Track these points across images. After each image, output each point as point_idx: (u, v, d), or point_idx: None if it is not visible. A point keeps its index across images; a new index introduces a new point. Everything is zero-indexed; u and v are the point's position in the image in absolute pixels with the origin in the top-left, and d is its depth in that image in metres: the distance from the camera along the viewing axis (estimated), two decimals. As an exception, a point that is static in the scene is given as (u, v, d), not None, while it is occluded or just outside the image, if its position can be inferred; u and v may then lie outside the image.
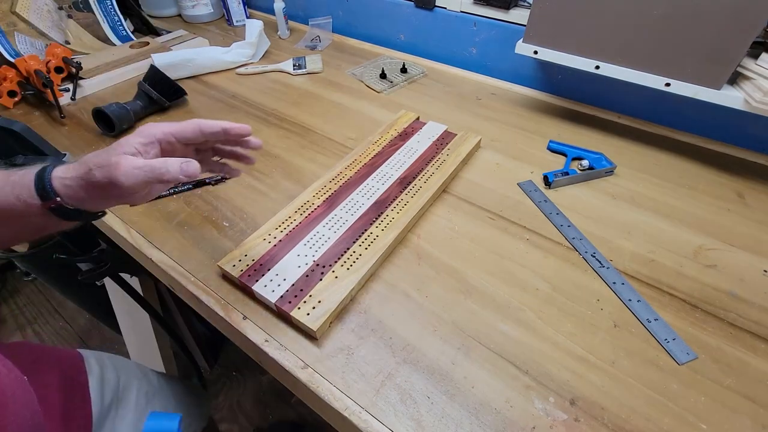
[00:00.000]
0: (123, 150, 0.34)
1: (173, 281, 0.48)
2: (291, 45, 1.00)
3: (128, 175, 0.32)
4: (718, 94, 0.54)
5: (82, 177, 0.34)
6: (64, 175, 0.34)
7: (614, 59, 0.59)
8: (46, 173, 0.34)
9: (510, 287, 0.45)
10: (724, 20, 0.49)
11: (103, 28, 0.98)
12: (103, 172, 0.32)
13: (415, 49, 0.94)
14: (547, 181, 0.58)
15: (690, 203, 0.56)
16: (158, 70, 0.74)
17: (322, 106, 0.77)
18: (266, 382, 1.18)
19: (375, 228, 0.49)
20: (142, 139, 0.35)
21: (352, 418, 0.35)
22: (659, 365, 0.39)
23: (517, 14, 0.77)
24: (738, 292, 0.45)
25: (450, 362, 0.39)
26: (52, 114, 0.75)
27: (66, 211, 0.35)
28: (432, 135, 0.65)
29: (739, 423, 0.35)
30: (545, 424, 0.35)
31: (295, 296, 0.42)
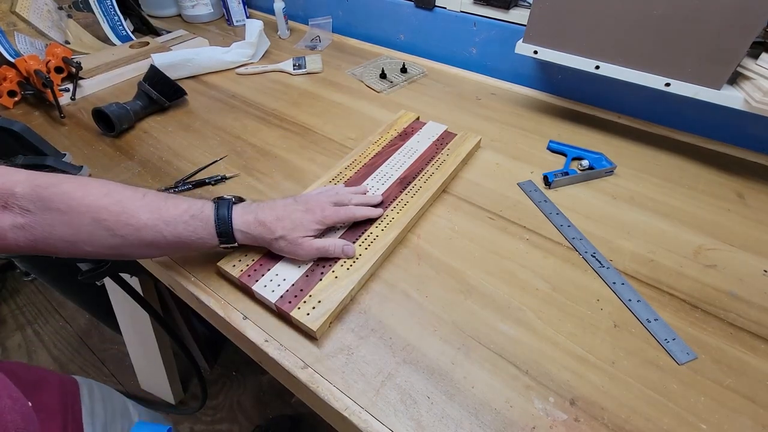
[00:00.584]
0: (306, 233, 0.44)
1: (173, 281, 0.48)
2: (291, 45, 1.00)
3: (309, 256, 0.44)
4: (718, 94, 0.54)
5: (264, 239, 0.43)
6: (247, 231, 0.43)
7: (614, 59, 0.59)
8: (229, 225, 0.42)
9: (510, 287, 0.45)
10: (724, 20, 0.49)
11: (103, 28, 0.98)
12: (289, 246, 0.43)
13: (415, 49, 0.94)
14: (547, 181, 0.58)
15: (690, 203, 0.56)
16: (158, 70, 0.74)
17: (322, 106, 0.77)
18: (266, 382, 1.18)
19: (375, 228, 0.49)
20: (320, 226, 0.45)
21: (352, 418, 0.35)
22: (659, 365, 0.39)
23: (517, 14, 0.77)
24: (738, 292, 0.45)
25: (450, 362, 0.39)
26: (52, 114, 0.75)
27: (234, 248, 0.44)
28: (432, 135, 0.65)
29: (739, 423, 0.35)
30: (545, 424, 0.35)
31: (295, 296, 0.42)
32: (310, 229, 0.44)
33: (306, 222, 0.44)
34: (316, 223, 0.44)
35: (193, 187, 0.59)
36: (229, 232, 0.42)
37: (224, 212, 0.42)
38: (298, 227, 0.43)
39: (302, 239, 0.43)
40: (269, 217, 0.43)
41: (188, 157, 0.65)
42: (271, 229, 0.42)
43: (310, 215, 0.44)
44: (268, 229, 0.42)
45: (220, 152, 0.66)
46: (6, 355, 1.27)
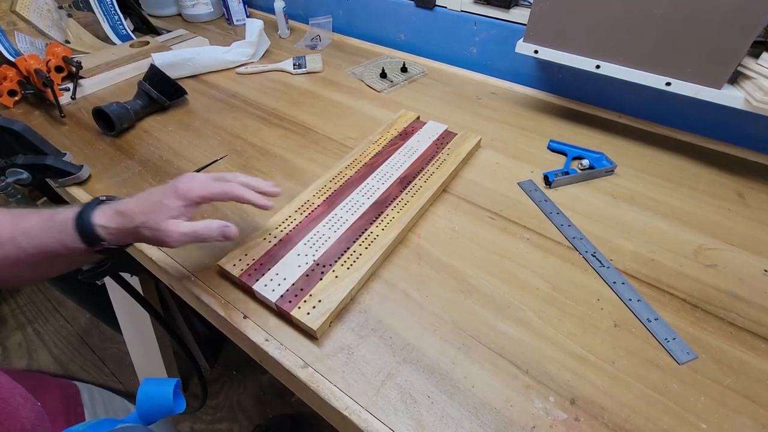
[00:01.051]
0: (169, 214, 0.38)
1: (173, 280, 0.48)
2: (291, 44, 1.00)
3: (177, 242, 0.38)
4: (719, 93, 0.54)
5: (129, 231, 0.38)
6: (107, 225, 0.38)
7: (615, 58, 0.59)
8: (85, 222, 0.37)
9: (510, 287, 0.45)
10: (725, 20, 0.49)
11: (103, 28, 0.98)
12: (153, 233, 0.37)
13: (415, 49, 0.94)
14: (547, 180, 0.58)
15: (690, 203, 0.56)
16: (158, 70, 0.74)
17: (322, 106, 0.77)
18: (266, 381, 1.18)
19: (375, 227, 0.49)
20: (182, 203, 0.38)
21: (352, 418, 0.35)
22: (659, 365, 0.39)
23: (517, 13, 0.77)
24: (738, 291, 0.45)
25: (450, 362, 0.39)
26: (53, 113, 0.75)
27: (109, 251, 0.40)
28: (432, 134, 0.65)
29: (739, 423, 0.35)
30: (545, 424, 0.35)
31: (296, 296, 0.42)
32: (173, 209, 0.38)
33: (167, 201, 0.38)
34: (179, 199, 0.38)
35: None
36: (90, 230, 0.37)
37: (84, 210, 0.38)
38: (159, 209, 0.38)
39: (165, 223, 0.37)
40: (130, 205, 0.38)
41: (188, 156, 0.65)
42: (131, 217, 0.38)
43: (172, 193, 0.38)
44: (128, 219, 0.38)
45: (221, 152, 0.66)
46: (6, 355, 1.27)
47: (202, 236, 0.39)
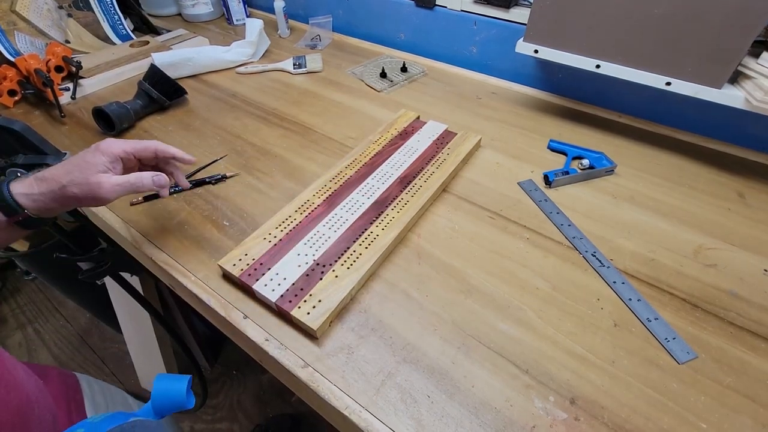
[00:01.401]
0: (97, 169, 0.38)
1: (173, 280, 0.48)
2: (291, 44, 1.00)
3: (111, 192, 0.38)
4: (719, 93, 0.54)
5: (55, 195, 0.37)
6: (29, 191, 0.37)
7: (615, 58, 0.59)
8: (4, 192, 0.37)
9: (510, 286, 0.45)
10: (725, 19, 0.49)
11: (103, 27, 0.98)
12: (83, 189, 0.37)
13: (415, 48, 0.94)
14: (547, 180, 0.58)
15: (690, 203, 0.56)
16: (158, 69, 0.74)
17: (322, 106, 0.77)
18: (266, 381, 1.18)
19: (375, 227, 0.49)
20: (107, 158, 0.39)
21: (352, 417, 0.35)
22: (659, 364, 0.39)
23: (517, 13, 0.77)
24: (738, 291, 0.45)
25: (450, 361, 0.39)
26: (53, 113, 0.75)
27: (30, 221, 0.38)
28: (432, 134, 0.65)
29: (739, 422, 0.35)
30: (545, 423, 0.35)
31: (296, 295, 0.42)
32: (99, 164, 0.38)
33: (91, 158, 0.38)
34: (103, 155, 0.39)
35: (194, 186, 0.59)
36: (7, 199, 0.36)
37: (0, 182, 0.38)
38: (85, 166, 0.38)
39: (96, 176, 0.37)
40: (52, 171, 0.38)
41: (188, 156, 0.65)
42: (55, 180, 0.37)
43: (95, 150, 0.39)
44: (51, 182, 0.37)
45: (221, 151, 0.66)
46: (7, 354, 1.27)
47: (135, 186, 0.39)
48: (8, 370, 0.32)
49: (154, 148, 0.43)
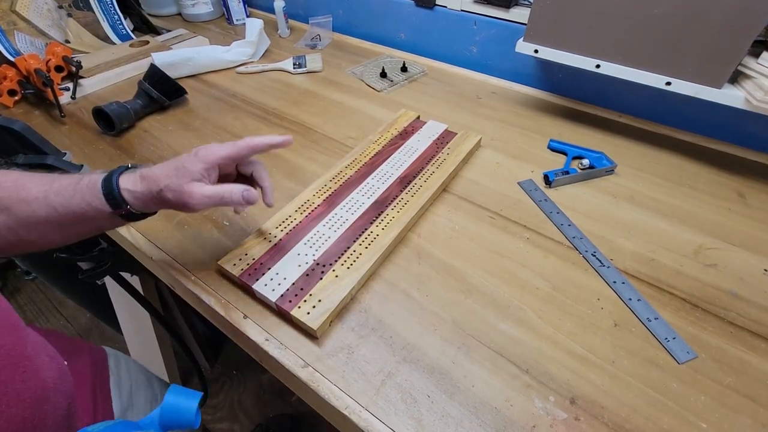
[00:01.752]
0: (192, 177, 0.38)
1: (174, 280, 0.48)
2: (291, 44, 1.00)
3: (200, 203, 0.38)
4: (719, 93, 0.54)
5: (153, 194, 0.39)
6: (133, 189, 0.39)
7: (615, 58, 0.59)
8: (113, 185, 0.38)
9: (510, 286, 0.45)
10: (725, 19, 0.49)
11: (103, 27, 0.98)
12: (176, 195, 0.38)
13: (415, 48, 0.94)
14: (547, 180, 0.58)
15: (690, 202, 0.56)
16: (158, 69, 0.74)
17: (322, 105, 0.77)
18: (267, 380, 1.18)
19: (375, 227, 0.49)
20: (204, 166, 0.39)
21: (352, 417, 0.35)
22: (659, 364, 0.39)
23: (517, 13, 0.77)
24: (738, 291, 0.45)
25: (450, 361, 0.39)
26: (53, 113, 0.75)
27: (132, 215, 0.40)
28: (432, 134, 0.65)
29: (739, 422, 0.35)
30: (545, 423, 0.35)
31: (296, 295, 0.42)
32: (195, 172, 0.39)
33: (189, 164, 0.39)
34: (201, 162, 0.39)
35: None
36: (115, 192, 0.38)
37: (111, 174, 0.39)
38: (182, 173, 0.38)
39: (189, 185, 0.38)
40: (154, 170, 0.39)
41: (188, 156, 0.65)
42: (155, 181, 0.38)
43: (194, 157, 0.40)
44: (152, 182, 0.39)
45: (221, 151, 0.66)
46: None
47: (224, 199, 0.39)
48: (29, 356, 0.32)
49: (250, 146, 0.42)
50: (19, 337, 0.31)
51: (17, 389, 0.29)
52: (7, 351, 0.29)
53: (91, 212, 0.38)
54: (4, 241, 0.38)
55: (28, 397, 0.30)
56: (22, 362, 0.30)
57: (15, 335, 0.31)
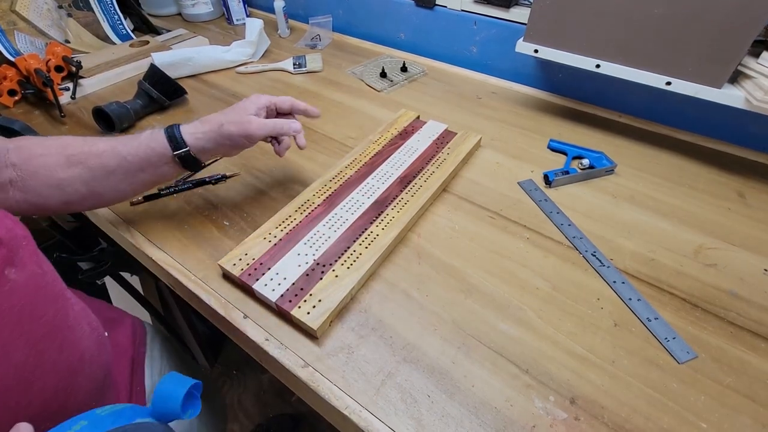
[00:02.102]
0: (248, 112, 0.47)
1: (173, 280, 0.48)
2: (291, 44, 1.00)
3: (259, 129, 0.46)
4: (719, 93, 0.54)
5: (215, 131, 0.45)
6: (194, 131, 0.45)
7: (615, 58, 0.59)
8: (175, 129, 0.45)
9: (510, 286, 0.45)
10: (725, 19, 0.49)
11: (103, 27, 0.98)
12: (237, 126, 0.45)
13: (415, 48, 0.94)
14: (547, 180, 0.58)
15: (690, 202, 0.56)
16: (158, 69, 0.74)
17: (322, 105, 0.77)
18: (267, 380, 1.18)
19: (375, 227, 0.49)
20: (254, 106, 0.48)
21: (352, 417, 0.35)
22: (659, 364, 0.39)
23: (517, 13, 0.77)
24: (738, 291, 0.45)
25: (450, 361, 0.39)
26: (53, 113, 0.75)
27: (189, 159, 0.46)
28: (432, 134, 0.65)
29: (739, 422, 0.35)
30: (545, 423, 0.35)
31: (296, 295, 0.42)
32: (250, 108, 0.47)
33: (244, 104, 0.48)
34: (254, 105, 0.48)
35: (193, 186, 0.59)
36: (176, 135, 0.45)
37: (172, 125, 0.46)
38: (239, 110, 0.47)
39: (248, 117, 0.46)
40: (213, 115, 0.47)
41: (188, 156, 0.65)
42: (216, 119, 0.46)
43: (246, 100, 0.49)
44: (213, 121, 0.46)
45: (221, 151, 0.66)
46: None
47: (277, 126, 0.47)
48: (70, 326, 0.32)
49: (291, 103, 0.51)
50: (61, 306, 0.32)
51: (54, 359, 0.30)
52: (49, 320, 0.30)
53: (155, 157, 0.44)
54: (77, 194, 0.43)
55: (64, 367, 0.31)
56: (61, 332, 0.31)
57: (58, 304, 0.31)
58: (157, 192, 0.57)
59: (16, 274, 0.27)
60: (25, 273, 0.28)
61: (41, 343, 0.29)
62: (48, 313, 0.30)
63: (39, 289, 0.30)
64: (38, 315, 0.29)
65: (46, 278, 0.31)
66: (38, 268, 0.30)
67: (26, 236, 0.30)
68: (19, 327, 0.27)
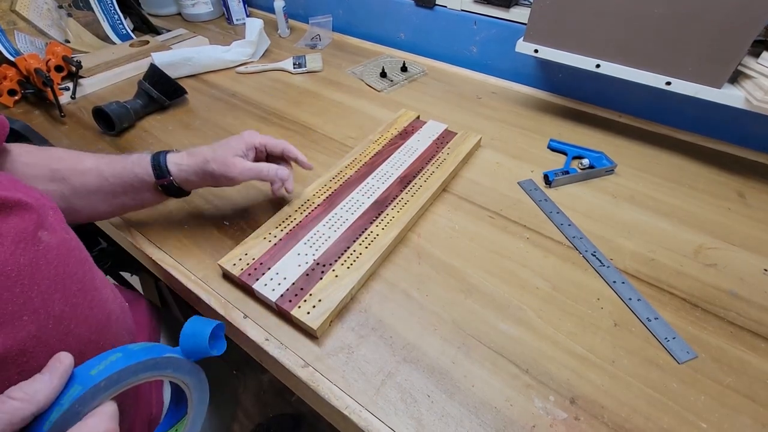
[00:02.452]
0: (234, 152, 0.45)
1: (173, 280, 0.48)
2: (291, 44, 1.00)
3: (242, 173, 0.44)
4: (719, 93, 0.54)
5: (199, 165, 0.44)
6: (179, 162, 0.44)
7: (615, 58, 0.59)
8: (161, 158, 0.44)
9: (510, 286, 0.45)
10: (725, 19, 0.49)
11: (103, 27, 0.98)
12: (220, 166, 0.43)
13: (415, 48, 0.94)
14: (547, 180, 0.58)
15: (690, 202, 0.56)
16: (158, 69, 0.74)
17: (322, 105, 0.77)
18: (267, 380, 1.18)
19: (375, 227, 0.49)
20: (245, 145, 0.46)
21: (352, 417, 0.35)
22: (659, 364, 0.39)
23: (517, 13, 0.77)
24: (738, 291, 0.45)
25: (450, 361, 0.39)
26: (52, 113, 0.75)
27: (172, 188, 0.45)
28: (432, 134, 0.65)
29: (739, 422, 0.35)
30: (545, 423, 0.35)
31: (296, 295, 0.42)
32: (237, 148, 0.45)
33: (233, 142, 0.46)
34: (243, 143, 0.46)
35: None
36: (162, 164, 0.44)
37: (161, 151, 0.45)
38: (226, 148, 0.45)
39: (233, 158, 0.44)
40: (201, 148, 0.46)
41: (188, 156, 0.65)
42: (202, 154, 0.44)
43: (237, 137, 0.47)
44: (199, 156, 0.44)
45: (221, 151, 0.66)
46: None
47: (262, 173, 0.45)
48: (97, 288, 0.34)
49: (283, 147, 0.49)
50: (89, 269, 0.35)
51: (86, 314, 0.32)
52: (80, 278, 0.33)
53: (137, 183, 0.43)
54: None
55: (95, 322, 0.33)
56: (90, 291, 0.33)
57: (86, 267, 0.34)
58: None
59: (48, 236, 0.30)
60: (56, 237, 0.31)
61: (75, 297, 0.31)
62: (79, 273, 0.33)
63: (69, 251, 0.32)
64: (70, 273, 0.32)
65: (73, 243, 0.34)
66: (66, 233, 0.33)
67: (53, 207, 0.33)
68: (55, 282, 0.30)
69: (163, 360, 0.28)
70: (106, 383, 0.25)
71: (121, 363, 0.26)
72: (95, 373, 0.25)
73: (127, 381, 0.26)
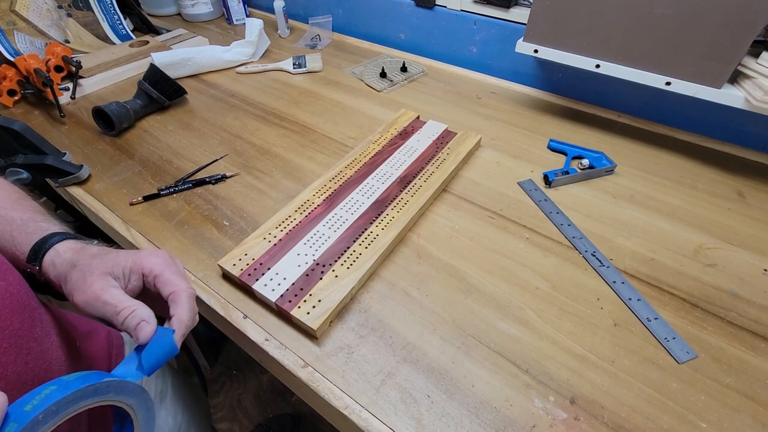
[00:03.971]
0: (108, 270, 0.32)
1: (173, 280, 0.48)
2: (291, 44, 1.00)
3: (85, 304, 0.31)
4: (719, 93, 0.54)
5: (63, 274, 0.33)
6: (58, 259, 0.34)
7: (615, 58, 0.59)
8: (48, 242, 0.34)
9: (510, 286, 0.45)
10: (725, 19, 0.49)
11: (103, 27, 0.98)
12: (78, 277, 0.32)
13: (415, 48, 0.94)
14: (547, 180, 0.58)
15: (690, 202, 0.56)
16: (158, 69, 0.74)
17: (322, 105, 0.77)
18: (267, 381, 1.18)
19: (375, 227, 0.49)
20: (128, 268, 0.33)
21: (352, 417, 0.35)
22: (659, 364, 0.39)
23: (517, 13, 0.77)
24: (738, 291, 0.45)
25: (450, 361, 0.39)
26: (52, 113, 0.75)
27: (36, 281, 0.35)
28: (432, 134, 0.65)
29: (739, 422, 0.35)
30: (545, 423, 0.35)
31: (296, 295, 0.42)
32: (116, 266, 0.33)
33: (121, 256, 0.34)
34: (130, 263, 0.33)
35: (193, 186, 0.59)
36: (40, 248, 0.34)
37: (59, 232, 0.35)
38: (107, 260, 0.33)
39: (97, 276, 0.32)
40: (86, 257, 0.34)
41: (188, 156, 0.65)
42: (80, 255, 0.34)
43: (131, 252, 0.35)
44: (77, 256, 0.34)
45: (220, 151, 0.66)
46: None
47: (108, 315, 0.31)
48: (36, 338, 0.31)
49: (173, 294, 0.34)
50: (28, 317, 0.31)
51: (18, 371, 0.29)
52: (13, 332, 0.29)
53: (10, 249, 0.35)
54: None
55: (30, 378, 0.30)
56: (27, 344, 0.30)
57: (24, 315, 0.30)
58: (156, 192, 0.57)
59: None
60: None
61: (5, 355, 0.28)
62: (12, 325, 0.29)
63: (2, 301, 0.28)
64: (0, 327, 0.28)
65: (11, 289, 0.30)
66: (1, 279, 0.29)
67: None
68: None
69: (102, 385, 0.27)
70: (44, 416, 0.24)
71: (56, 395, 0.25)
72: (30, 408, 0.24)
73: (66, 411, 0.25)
